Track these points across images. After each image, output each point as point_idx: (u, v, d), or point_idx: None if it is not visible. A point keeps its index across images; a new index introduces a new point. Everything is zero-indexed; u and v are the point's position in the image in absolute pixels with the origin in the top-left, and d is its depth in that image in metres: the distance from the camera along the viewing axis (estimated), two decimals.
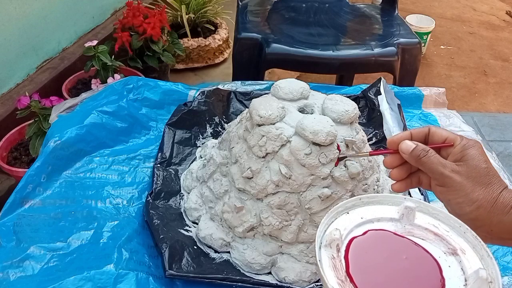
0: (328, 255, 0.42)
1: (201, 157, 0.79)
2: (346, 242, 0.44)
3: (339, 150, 0.61)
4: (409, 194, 0.73)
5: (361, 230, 0.46)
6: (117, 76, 1.35)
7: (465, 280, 0.41)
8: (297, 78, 0.77)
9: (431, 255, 0.44)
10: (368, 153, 0.58)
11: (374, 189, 0.67)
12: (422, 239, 0.45)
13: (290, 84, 0.69)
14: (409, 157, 0.50)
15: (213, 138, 0.84)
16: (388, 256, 0.44)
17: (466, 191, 0.46)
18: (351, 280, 0.41)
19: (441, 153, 0.50)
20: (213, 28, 1.97)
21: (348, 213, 0.48)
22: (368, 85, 0.94)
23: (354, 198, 0.48)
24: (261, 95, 0.72)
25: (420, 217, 0.47)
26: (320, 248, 0.43)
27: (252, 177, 0.63)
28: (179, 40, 1.69)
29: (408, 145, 0.50)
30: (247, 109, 0.69)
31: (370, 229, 0.46)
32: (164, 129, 0.82)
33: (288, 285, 0.61)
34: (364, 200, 0.48)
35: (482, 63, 2.34)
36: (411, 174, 0.53)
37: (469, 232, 0.45)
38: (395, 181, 0.53)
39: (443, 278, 0.42)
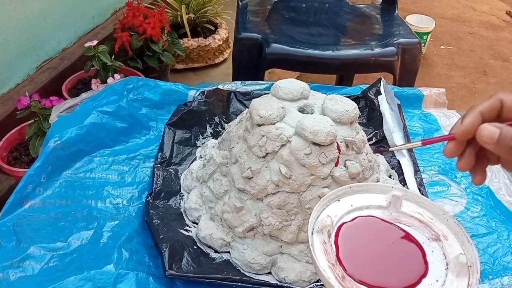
0: (320, 240, 0.45)
1: (201, 157, 0.79)
2: (336, 228, 0.47)
3: (339, 150, 0.61)
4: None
5: (350, 217, 0.49)
6: (117, 76, 1.35)
7: (447, 264, 0.44)
8: (297, 78, 0.77)
9: (416, 240, 0.47)
10: (420, 142, 0.47)
11: None
12: (408, 225, 0.48)
13: (290, 84, 0.69)
14: (496, 147, 0.38)
15: (213, 138, 0.84)
16: (375, 241, 0.47)
17: None
18: (340, 263, 0.43)
19: None
20: (213, 28, 1.97)
21: (339, 200, 0.50)
22: (368, 85, 0.94)
23: (345, 187, 0.51)
24: (261, 95, 0.72)
25: (406, 205, 0.50)
26: (312, 233, 0.45)
27: (252, 177, 0.63)
28: (179, 40, 1.69)
29: (491, 131, 0.38)
30: (247, 109, 0.69)
31: (359, 215, 0.49)
32: (164, 129, 0.82)
33: (288, 285, 0.61)
34: (354, 189, 0.51)
35: (482, 63, 2.34)
36: (477, 154, 0.42)
37: (451, 219, 0.48)
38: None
39: (426, 262, 0.45)
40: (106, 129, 0.80)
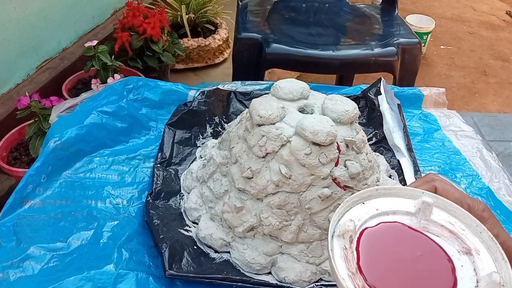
0: (341, 246, 0.41)
1: (201, 157, 0.79)
2: (358, 233, 0.43)
3: (339, 150, 0.61)
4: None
5: (374, 222, 0.45)
6: (117, 76, 1.35)
7: (477, 282, 0.40)
8: (297, 78, 0.77)
9: (445, 252, 0.42)
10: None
11: None
12: (437, 235, 0.44)
13: (290, 84, 0.69)
14: None
15: (213, 138, 0.84)
16: (400, 250, 0.43)
17: None
18: (361, 272, 0.40)
19: None
20: (213, 28, 1.97)
21: (363, 203, 0.46)
22: (368, 85, 0.94)
23: (371, 189, 0.47)
24: (261, 95, 0.72)
25: (437, 213, 0.46)
26: (332, 237, 0.42)
27: (252, 177, 0.62)
28: (179, 40, 1.69)
29: None
30: (247, 109, 0.69)
31: (384, 221, 0.45)
32: (164, 129, 0.82)
33: (288, 285, 0.61)
34: (380, 191, 0.47)
35: (482, 63, 2.34)
36: None
37: (485, 233, 0.43)
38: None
39: (455, 278, 0.41)
40: (106, 129, 0.80)
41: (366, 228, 0.44)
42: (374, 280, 0.39)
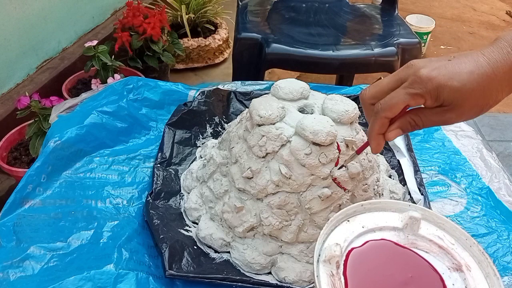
0: (327, 272, 0.39)
1: (201, 157, 0.79)
2: (344, 255, 0.41)
3: (339, 150, 0.61)
4: (409, 195, 0.73)
5: (361, 241, 0.43)
6: (117, 76, 1.35)
7: None
8: (297, 78, 0.77)
9: (435, 271, 0.41)
10: (355, 153, 0.55)
11: (374, 189, 0.67)
12: (426, 251, 0.43)
13: (290, 84, 0.69)
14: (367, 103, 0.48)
15: (213, 138, 0.84)
16: (389, 271, 0.41)
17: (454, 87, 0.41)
18: None
19: None
20: (213, 28, 1.97)
21: (348, 220, 0.45)
22: (368, 85, 0.94)
23: (355, 205, 0.46)
24: (261, 95, 0.72)
25: (425, 227, 0.45)
26: (318, 261, 0.40)
27: (252, 177, 0.62)
28: (179, 40, 1.69)
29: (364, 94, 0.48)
30: (247, 109, 0.69)
31: (371, 239, 0.43)
32: (164, 129, 0.82)
33: (288, 285, 0.61)
34: (366, 207, 0.46)
35: None
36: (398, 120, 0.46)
37: (475, 246, 0.42)
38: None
39: None
40: (106, 129, 0.80)
41: (353, 249, 0.42)
42: None
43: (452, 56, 0.43)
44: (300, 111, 0.67)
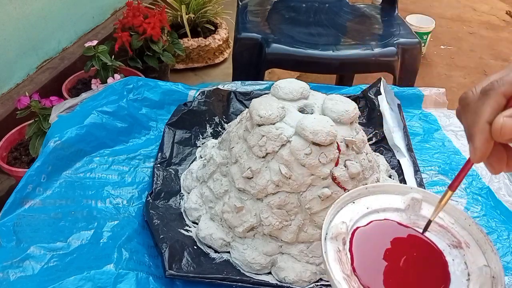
0: (334, 248, 0.42)
1: (201, 157, 0.79)
2: (350, 233, 0.44)
3: (339, 150, 0.61)
4: None
5: (365, 221, 0.45)
6: (117, 76, 1.35)
7: (468, 275, 0.41)
8: (297, 78, 0.77)
9: (437, 247, 0.43)
10: (449, 191, 0.42)
11: None
12: (427, 230, 0.45)
13: (290, 84, 0.69)
14: None
15: (213, 138, 0.84)
16: (392, 248, 0.43)
17: None
18: (355, 274, 0.40)
19: None
20: (213, 28, 1.97)
21: (354, 202, 0.47)
22: (368, 85, 0.94)
23: (360, 188, 0.48)
24: (261, 95, 0.72)
25: (426, 208, 0.47)
26: (325, 239, 0.42)
27: (252, 177, 0.63)
28: (179, 40, 1.69)
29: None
30: (247, 109, 0.69)
31: (374, 219, 0.45)
32: (164, 129, 0.82)
33: (288, 285, 0.61)
34: (370, 189, 0.48)
35: (482, 63, 2.34)
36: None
37: (473, 225, 0.44)
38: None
39: (447, 273, 0.41)
40: (106, 129, 0.80)
41: (357, 228, 0.44)
42: (368, 280, 0.40)
43: None
44: (300, 111, 0.67)
